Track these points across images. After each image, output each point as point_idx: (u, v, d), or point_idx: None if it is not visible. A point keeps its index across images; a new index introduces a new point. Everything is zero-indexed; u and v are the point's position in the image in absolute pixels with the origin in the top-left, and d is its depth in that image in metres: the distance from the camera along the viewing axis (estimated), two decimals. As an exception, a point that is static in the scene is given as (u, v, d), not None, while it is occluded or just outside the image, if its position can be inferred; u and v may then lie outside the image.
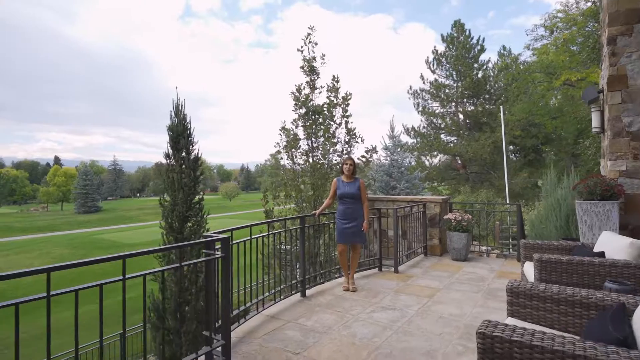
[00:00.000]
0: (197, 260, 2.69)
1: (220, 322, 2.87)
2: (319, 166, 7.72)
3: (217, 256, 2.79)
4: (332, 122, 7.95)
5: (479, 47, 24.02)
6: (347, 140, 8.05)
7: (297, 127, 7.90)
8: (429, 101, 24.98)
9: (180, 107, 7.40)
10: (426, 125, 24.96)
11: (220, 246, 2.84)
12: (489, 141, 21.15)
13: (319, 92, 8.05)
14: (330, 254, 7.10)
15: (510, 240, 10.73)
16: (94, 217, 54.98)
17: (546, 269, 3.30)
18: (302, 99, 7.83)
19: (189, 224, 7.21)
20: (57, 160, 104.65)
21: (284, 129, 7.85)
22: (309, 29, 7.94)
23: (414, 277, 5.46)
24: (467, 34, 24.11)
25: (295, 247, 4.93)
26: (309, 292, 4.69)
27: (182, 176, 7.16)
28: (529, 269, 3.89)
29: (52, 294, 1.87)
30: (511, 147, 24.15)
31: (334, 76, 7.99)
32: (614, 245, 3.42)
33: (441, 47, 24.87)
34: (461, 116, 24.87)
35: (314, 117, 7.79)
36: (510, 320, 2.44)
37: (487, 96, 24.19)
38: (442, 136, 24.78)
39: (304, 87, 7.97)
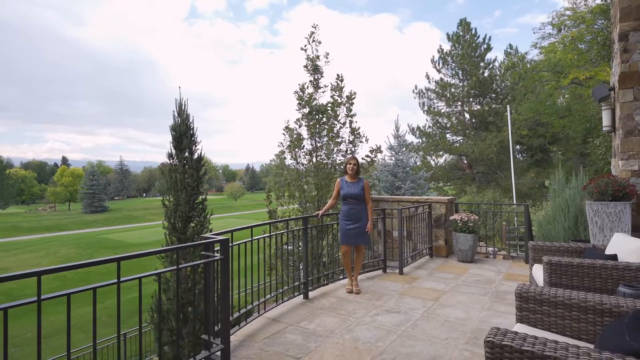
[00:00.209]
0: (195, 262, 2.62)
1: (219, 325, 2.80)
2: (322, 166, 7.64)
3: (215, 258, 2.72)
4: (336, 122, 7.86)
5: (485, 46, 23.77)
6: (351, 139, 7.96)
7: (300, 126, 7.83)
8: (435, 100, 24.78)
9: (183, 107, 7.36)
10: (432, 124, 24.77)
11: (219, 248, 2.77)
12: (496, 141, 20.93)
13: (323, 92, 7.98)
14: (334, 255, 7.01)
15: (517, 241, 10.57)
16: (100, 216, 55.40)
17: (556, 272, 3.19)
18: (306, 98, 7.75)
19: (192, 224, 7.17)
20: (64, 160, 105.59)
21: (287, 128, 7.78)
22: (313, 27, 7.88)
23: (419, 279, 5.36)
24: (473, 32, 23.88)
25: (298, 248, 4.85)
26: (311, 294, 4.61)
27: (185, 176, 7.12)
28: (538, 272, 3.78)
29: (43, 298, 1.81)
30: (518, 146, 23.88)
31: (338, 75, 7.92)
32: (627, 247, 3.29)
33: (447, 46, 24.71)
34: (467, 115, 24.65)
35: (317, 116, 7.71)
36: (519, 326, 2.34)
37: (493, 95, 23.95)
38: (447, 136, 24.58)
39: (308, 86, 7.90)
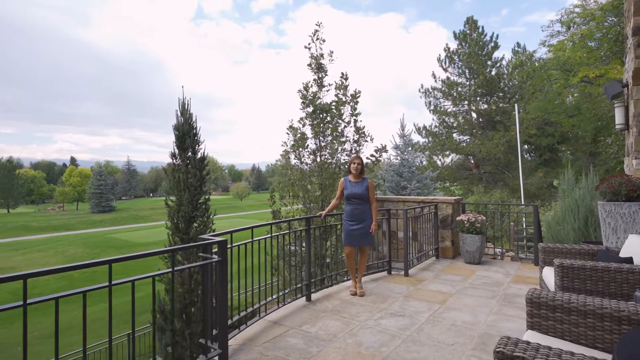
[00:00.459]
0: (191, 265, 2.53)
1: (217, 329, 2.72)
2: (326, 165, 7.54)
3: (213, 260, 2.64)
4: (340, 121, 7.75)
5: (492, 44, 23.48)
6: (356, 139, 7.85)
7: (304, 125, 7.74)
8: (441, 100, 24.53)
9: (186, 107, 7.32)
10: (438, 124, 24.53)
11: (217, 249, 2.69)
12: (503, 140, 20.65)
13: (327, 90, 7.87)
14: (338, 256, 6.90)
15: (525, 242, 10.37)
16: (107, 216, 55.85)
17: (568, 276, 3.06)
18: (310, 97, 7.66)
19: (195, 225, 7.12)
20: (73, 160, 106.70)
21: (291, 127, 7.69)
22: (316, 25, 7.77)
23: (424, 281, 5.24)
24: (480, 30, 23.59)
25: (301, 249, 4.76)
26: (314, 296, 4.52)
27: (188, 176, 7.07)
28: (549, 275, 3.64)
29: (29, 302, 1.73)
30: (526, 146, 23.57)
31: (342, 73, 7.80)
32: (644, 250, 3.15)
33: (453, 45, 24.44)
34: (474, 115, 24.37)
35: (321, 115, 7.61)
36: (530, 333, 2.22)
37: (500, 94, 23.64)
38: (454, 135, 24.31)
39: (312, 85, 7.80)
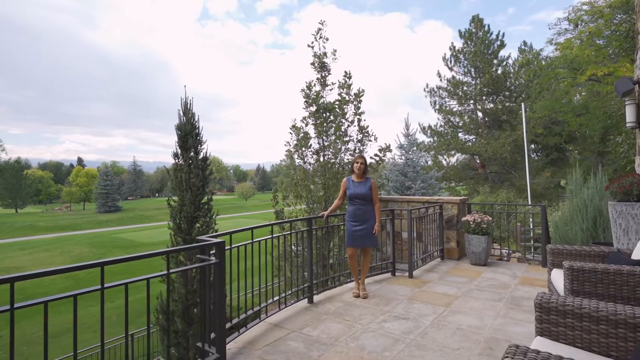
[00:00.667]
0: (187, 267, 2.47)
1: (214, 333, 2.65)
2: (330, 165, 7.45)
3: (210, 262, 2.57)
4: (343, 120, 7.66)
5: (498, 43, 23.24)
6: (359, 138, 7.76)
7: (307, 125, 7.66)
8: (446, 99, 24.33)
9: (188, 106, 7.28)
10: (443, 123, 24.33)
11: (214, 251, 2.62)
12: (509, 140, 20.42)
13: (330, 89, 7.78)
14: (341, 256, 6.82)
15: (532, 242, 10.21)
16: (114, 216, 56.19)
17: (578, 279, 2.95)
18: (313, 96, 7.58)
19: (198, 225, 7.07)
20: (80, 161, 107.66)
21: (294, 127, 7.62)
22: (320, 23, 7.69)
23: (429, 282, 5.13)
24: (485, 29, 23.37)
25: (303, 251, 4.69)
26: (316, 297, 4.44)
27: (190, 176, 7.03)
28: (558, 278, 3.53)
29: (16, 306, 1.67)
30: (533, 145, 23.32)
31: (346, 72, 7.71)
32: (657, 252, 3.03)
33: (459, 44, 24.23)
34: (480, 114, 24.15)
35: (324, 114, 7.53)
36: (539, 340, 2.13)
37: (507, 93, 23.40)
38: (460, 135, 24.09)
39: (315, 84, 7.72)
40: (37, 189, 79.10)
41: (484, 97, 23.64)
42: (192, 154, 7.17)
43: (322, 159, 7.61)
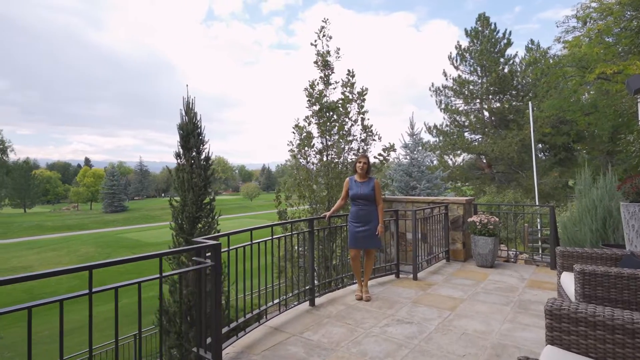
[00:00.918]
0: (180, 270, 2.39)
1: (210, 338, 2.57)
2: (333, 165, 7.35)
3: (206, 265, 2.49)
4: (347, 119, 7.56)
5: (505, 41, 22.96)
6: (363, 137, 7.65)
7: (309, 124, 7.57)
8: (452, 98, 24.10)
9: (190, 105, 7.22)
10: (449, 123, 24.11)
11: (210, 254, 2.53)
12: (516, 139, 20.15)
13: (334, 88, 7.68)
14: (344, 258, 6.72)
15: (540, 243, 10.02)
16: (120, 216, 56.58)
17: (590, 283, 2.82)
18: (316, 95, 7.48)
19: (200, 225, 7.01)
20: (87, 161, 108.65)
21: (297, 126, 7.53)
22: (323, 22, 7.59)
23: (434, 285, 5.01)
24: (492, 27, 23.10)
25: (304, 252, 4.59)
26: (318, 300, 4.35)
27: (192, 176, 6.97)
28: (568, 281, 3.40)
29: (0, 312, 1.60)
30: (540, 145, 23.01)
31: (349, 71, 7.60)
32: (674, 255, 2.89)
33: (465, 43, 23.99)
34: (486, 113, 23.88)
35: (328, 114, 7.43)
36: (550, 349, 2.01)
37: (514, 92, 23.12)
38: (465, 134, 23.85)
39: (318, 83, 7.62)
40: (45, 189, 79.98)
41: (491, 96, 23.38)
42: (194, 153, 7.11)
43: (325, 159, 7.51)
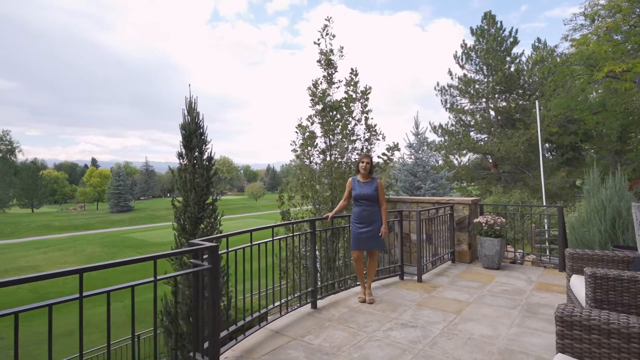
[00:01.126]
0: (176, 273, 2.32)
1: (207, 343, 2.50)
2: (336, 165, 7.26)
3: (202, 267, 2.42)
4: (350, 118, 7.47)
5: (511, 40, 22.70)
6: (367, 137, 7.55)
7: (312, 123, 7.49)
8: (458, 97, 23.88)
9: (192, 105, 7.18)
10: (454, 122, 23.89)
11: (207, 256, 2.46)
12: (523, 139, 19.91)
13: (337, 87, 7.58)
14: (348, 259, 6.64)
15: (547, 244, 9.84)
16: (126, 216, 56.91)
17: (602, 287, 2.71)
18: (319, 94, 7.40)
19: (202, 226, 6.96)
20: (93, 161, 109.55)
21: (300, 126, 7.45)
22: (326, 20, 7.51)
23: (439, 287, 4.91)
24: (498, 26, 22.86)
25: (306, 253, 4.52)
26: (321, 302, 4.27)
27: (194, 176, 6.92)
28: (578, 284, 3.29)
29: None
30: (547, 144, 22.75)
31: (352, 69, 7.51)
32: (690, 259, 2.78)
33: (470, 41, 23.76)
34: (492, 112, 23.64)
35: (331, 113, 7.34)
36: (561, 357, 1.91)
37: (520, 91, 22.85)
38: (471, 134, 23.61)
39: (321, 82, 7.54)
40: (52, 189, 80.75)
41: (497, 95, 23.14)
42: (196, 153, 7.06)
43: (328, 159, 7.43)
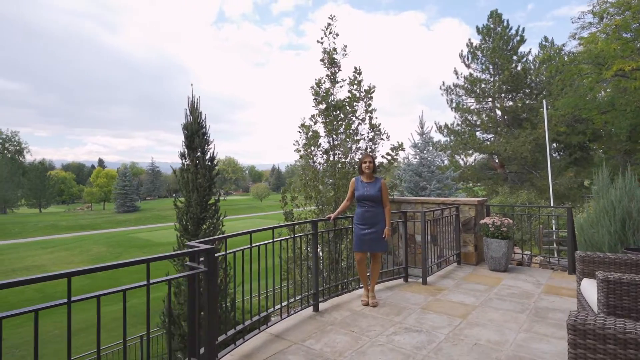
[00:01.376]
0: (169, 277, 2.24)
1: (203, 349, 2.42)
2: (340, 165, 7.17)
3: (199, 270, 2.34)
4: (354, 118, 7.37)
5: (518, 38, 22.43)
6: (371, 137, 7.44)
7: (315, 123, 7.39)
8: (464, 97, 23.65)
9: (195, 105, 7.12)
10: (460, 122, 23.66)
11: (203, 258, 2.39)
12: (530, 138, 19.65)
13: (341, 86, 7.48)
14: (351, 260, 6.55)
15: (555, 245, 9.66)
16: (132, 216, 57.22)
17: (615, 293, 2.59)
18: (322, 94, 7.31)
19: (204, 227, 6.91)
20: (100, 162, 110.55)
21: (303, 126, 7.36)
22: (329, 18, 7.42)
23: (444, 290, 4.80)
24: (504, 24, 22.60)
25: (307, 254, 4.43)
26: (323, 305, 4.18)
27: (197, 176, 6.87)
28: (589, 288, 3.17)
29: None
30: (555, 144, 22.45)
31: (355, 68, 7.40)
32: None
33: (476, 40, 23.52)
34: (499, 112, 23.38)
35: (334, 112, 7.25)
36: (573, 368, 1.81)
37: (527, 90, 22.58)
38: (477, 134, 23.35)
39: (324, 81, 7.45)
40: (60, 189, 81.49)
41: (503, 95, 22.88)
42: (198, 153, 7.01)
43: (332, 159, 7.33)
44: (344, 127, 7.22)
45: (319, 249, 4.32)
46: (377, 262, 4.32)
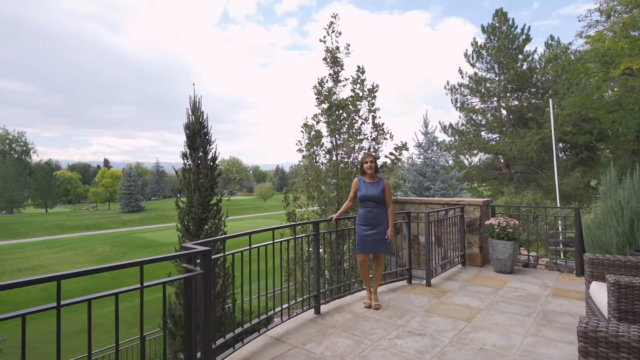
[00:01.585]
0: (163, 280, 2.18)
1: (200, 353, 2.36)
2: (342, 165, 7.09)
3: (195, 273, 2.28)
4: (357, 117, 7.29)
5: (523, 37, 22.22)
6: (374, 136, 7.36)
7: (318, 122, 7.32)
8: (468, 96, 23.47)
9: (197, 105, 7.09)
10: (465, 122, 23.48)
11: (200, 260, 2.33)
12: (536, 138, 19.44)
13: (343, 85, 7.41)
14: (354, 261, 6.47)
15: (562, 246, 9.51)
16: (136, 216, 57.49)
17: (627, 297, 2.50)
18: (325, 93, 7.24)
19: (206, 227, 6.86)
20: (106, 162, 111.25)
21: (305, 125, 7.30)
22: (332, 17, 7.33)
23: (449, 292, 4.70)
24: (510, 23, 22.40)
25: (309, 256, 4.36)
26: (325, 307, 4.10)
27: (198, 177, 6.82)
28: (599, 291, 3.07)
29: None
30: (561, 144, 22.20)
31: (359, 67, 7.32)
32: None
33: (481, 40, 23.34)
34: (504, 112, 23.18)
35: (337, 112, 7.17)
36: (584, 378, 1.72)
37: (533, 90, 22.35)
38: (482, 133, 23.17)
39: (327, 80, 7.38)
40: (66, 189, 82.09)
41: (508, 94, 22.68)
42: (200, 153, 6.96)
43: (334, 159, 7.26)
44: (346, 126, 7.15)
45: (321, 250, 4.24)
46: (380, 263, 4.25)
